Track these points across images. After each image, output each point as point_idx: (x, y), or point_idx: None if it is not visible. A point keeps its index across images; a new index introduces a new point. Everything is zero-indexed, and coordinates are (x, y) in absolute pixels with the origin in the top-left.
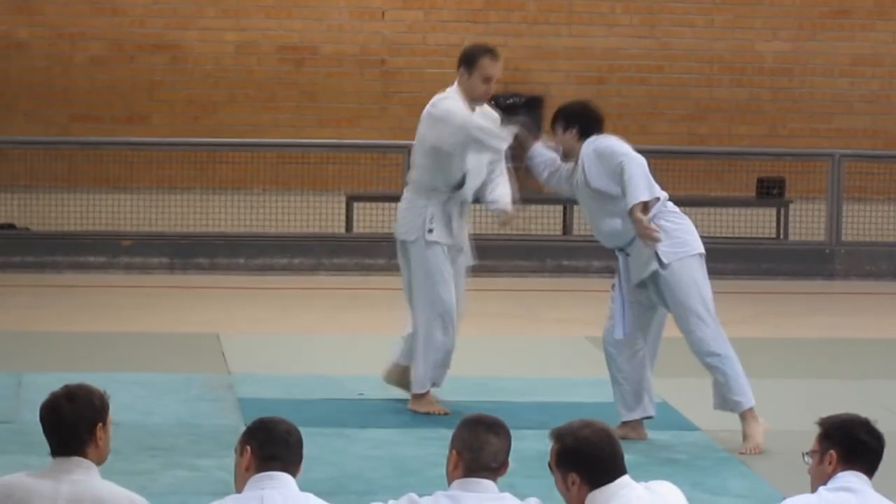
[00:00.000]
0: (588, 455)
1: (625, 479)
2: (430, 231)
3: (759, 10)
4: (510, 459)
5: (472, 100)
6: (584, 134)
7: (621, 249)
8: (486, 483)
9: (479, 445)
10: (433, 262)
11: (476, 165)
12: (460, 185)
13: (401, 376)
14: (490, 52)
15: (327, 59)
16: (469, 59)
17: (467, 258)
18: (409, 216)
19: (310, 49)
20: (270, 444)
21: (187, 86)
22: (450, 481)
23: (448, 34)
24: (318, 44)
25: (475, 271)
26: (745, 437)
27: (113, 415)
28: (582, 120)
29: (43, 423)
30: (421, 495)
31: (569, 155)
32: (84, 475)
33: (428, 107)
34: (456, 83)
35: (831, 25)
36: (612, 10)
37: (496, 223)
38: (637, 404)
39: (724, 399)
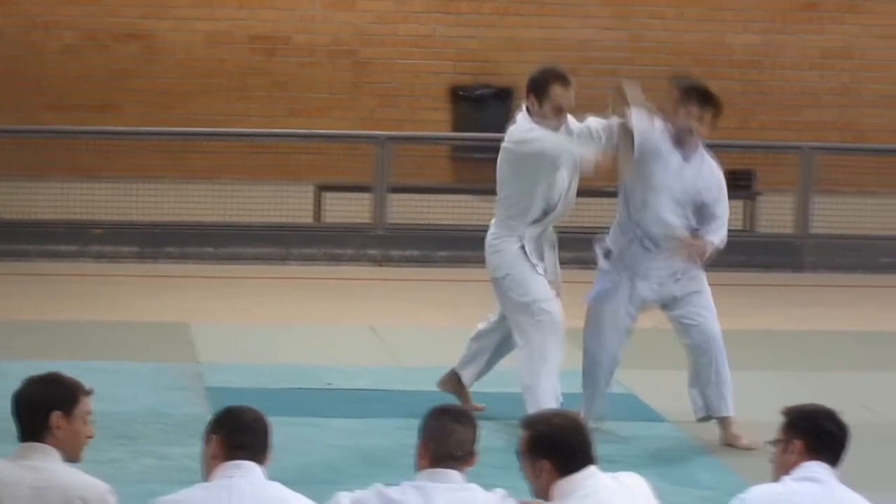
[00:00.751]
0: (560, 442)
1: (591, 470)
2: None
3: (729, 2)
4: (478, 450)
5: (546, 127)
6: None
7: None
8: (453, 473)
9: (444, 435)
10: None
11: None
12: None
13: (455, 384)
14: (561, 78)
15: (299, 49)
16: (538, 87)
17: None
18: (499, 255)
19: (281, 39)
20: (238, 433)
21: (160, 75)
22: (418, 471)
23: (419, 25)
24: (290, 34)
25: (453, 262)
26: (735, 437)
27: None
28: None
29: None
30: (388, 485)
31: (690, 133)
32: (42, 461)
33: (509, 143)
34: (524, 109)
35: (801, 18)
36: (583, 1)
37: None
38: None
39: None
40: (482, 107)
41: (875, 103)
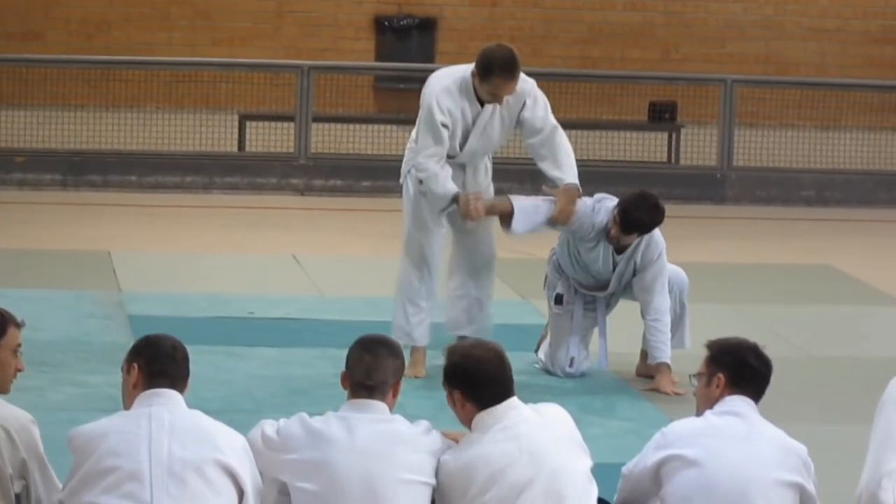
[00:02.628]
0: (473, 373)
1: (513, 401)
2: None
3: None
4: (397, 380)
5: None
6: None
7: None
8: (378, 404)
9: (354, 363)
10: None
11: (480, 147)
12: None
13: None
14: (507, 71)
15: None
16: (483, 70)
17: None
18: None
19: None
20: (157, 361)
21: (82, 3)
22: (346, 400)
23: None
24: None
25: (376, 191)
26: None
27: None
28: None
29: None
30: (312, 415)
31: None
32: None
33: (427, 84)
34: (469, 70)
35: None
36: None
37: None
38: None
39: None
40: (406, 37)
41: (799, 37)
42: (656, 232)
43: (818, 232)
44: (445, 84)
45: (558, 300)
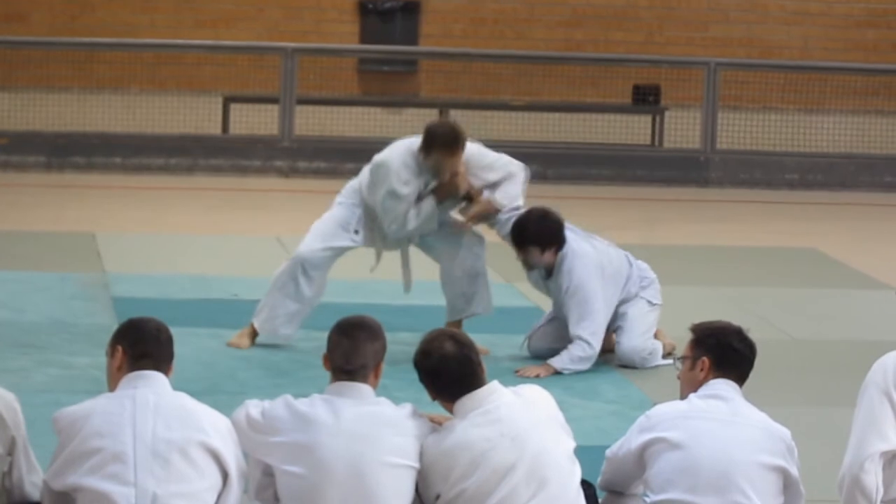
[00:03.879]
0: (431, 372)
1: (493, 385)
2: (356, 232)
3: None
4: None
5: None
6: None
7: None
8: (363, 387)
9: (332, 347)
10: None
11: (428, 215)
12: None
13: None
14: (448, 146)
15: None
16: (425, 145)
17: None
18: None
19: None
20: (141, 343)
21: None
22: (329, 383)
23: None
24: None
25: (355, 174)
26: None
27: None
28: (554, 240)
29: None
30: (296, 396)
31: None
32: None
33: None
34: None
35: None
36: None
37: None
38: None
39: None
40: (389, 20)
41: (782, 20)
42: (573, 263)
43: (801, 215)
44: (397, 167)
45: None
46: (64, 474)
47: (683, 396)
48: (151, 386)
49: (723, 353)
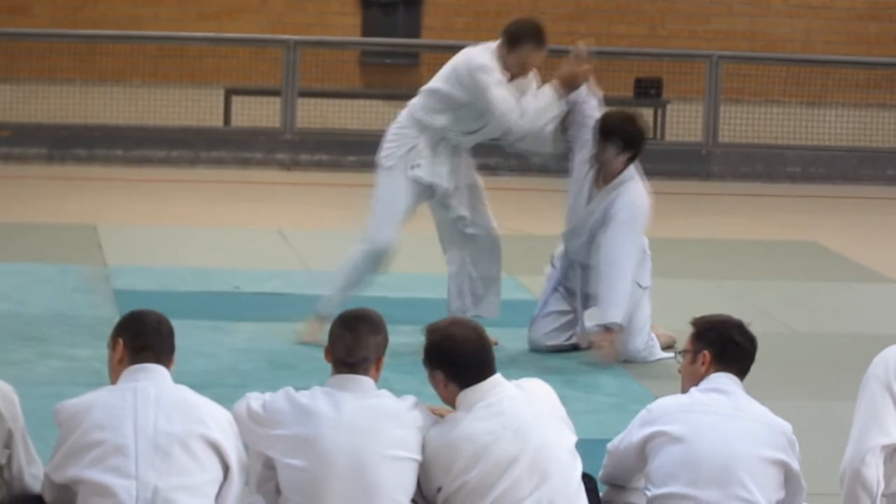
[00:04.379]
0: (452, 353)
1: (496, 378)
2: (415, 167)
3: None
4: (378, 356)
5: (507, 73)
6: (631, 160)
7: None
8: (364, 380)
9: (333, 340)
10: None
11: (495, 129)
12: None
13: None
14: (536, 39)
15: None
16: (512, 39)
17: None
18: (394, 145)
19: None
20: (142, 335)
21: None
22: (331, 375)
23: None
24: None
25: (361, 166)
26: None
27: None
28: (636, 146)
29: None
30: (297, 389)
31: (603, 166)
32: None
33: (461, 63)
34: (494, 47)
35: None
36: None
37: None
38: None
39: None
40: (392, 12)
41: (785, 13)
42: (635, 194)
43: (803, 208)
44: (490, 57)
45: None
46: (65, 467)
47: (685, 390)
48: (152, 379)
49: (724, 346)
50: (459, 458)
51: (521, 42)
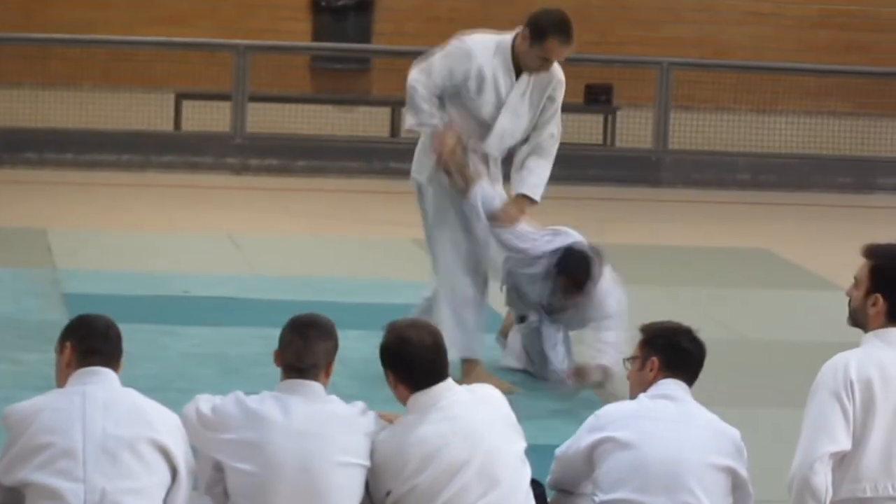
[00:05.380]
0: (404, 356)
1: (448, 383)
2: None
3: None
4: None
5: (525, 67)
6: None
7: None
8: (314, 385)
9: (284, 345)
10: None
11: (510, 128)
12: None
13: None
14: (563, 33)
15: None
16: (536, 32)
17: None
18: (423, 156)
19: None
20: (90, 339)
21: None
22: (281, 381)
23: None
24: None
25: (311, 171)
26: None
27: None
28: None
29: None
30: (247, 394)
31: None
32: None
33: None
34: (511, 36)
35: None
36: None
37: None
38: None
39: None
40: (342, 17)
41: (735, 20)
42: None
43: (753, 215)
44: (485, 42)
45: (521, 321)
46: (13, 470)
47: (633, 396)
48: (101, 382)
49: (672, 353)
50: (410, 461)
51: (547, 36)
